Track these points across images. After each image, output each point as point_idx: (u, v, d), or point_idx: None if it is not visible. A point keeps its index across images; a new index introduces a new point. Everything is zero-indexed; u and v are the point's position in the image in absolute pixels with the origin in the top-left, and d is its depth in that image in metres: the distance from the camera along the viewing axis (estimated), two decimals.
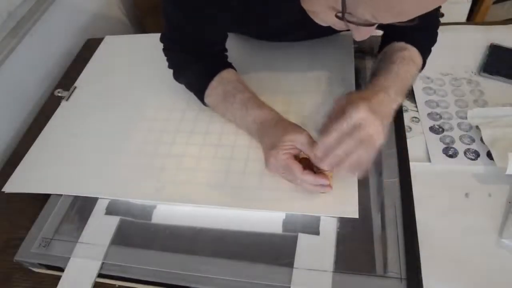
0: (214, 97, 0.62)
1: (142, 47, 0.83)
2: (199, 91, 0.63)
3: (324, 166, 0.47)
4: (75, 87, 0.78)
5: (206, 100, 0.63)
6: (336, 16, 0.40)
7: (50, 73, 0.92)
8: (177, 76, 0.66)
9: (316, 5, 0.42)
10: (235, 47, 0.75)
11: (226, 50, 0.66)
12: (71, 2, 1.02)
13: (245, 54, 0.75)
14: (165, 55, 0.66)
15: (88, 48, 0.92)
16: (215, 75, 0.61)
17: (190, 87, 0.66)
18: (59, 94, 0.77)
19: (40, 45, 0.90)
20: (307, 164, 0.49)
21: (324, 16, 0.43)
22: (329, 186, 0.49)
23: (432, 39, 0.62)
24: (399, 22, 0.37)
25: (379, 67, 0.57)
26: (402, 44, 0.58)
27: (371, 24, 0.39)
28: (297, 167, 0.48)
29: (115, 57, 0.84)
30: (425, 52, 0.59)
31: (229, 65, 0.64)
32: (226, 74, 0.62)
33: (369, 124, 0.44)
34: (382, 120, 0.45)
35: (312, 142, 0.49)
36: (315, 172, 0.49)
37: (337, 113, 0.47)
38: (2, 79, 0.80)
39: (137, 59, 0.81)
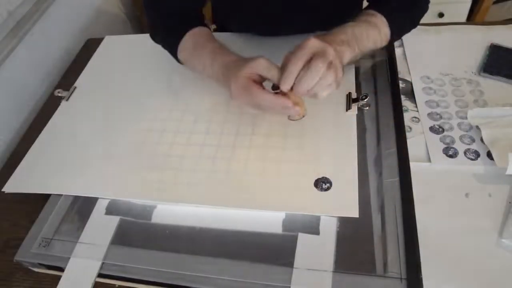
0: (186, 51, 0.63)
1: (142, 47, 0.83)
2: (173, 47, 0.64)
3: (285, 86, 0.48)
4: (75, 87, 0.78)
5: (179, 55, 0.64)
6: None
7: (50, 73, 0.92)
8: (154, 36, 0.68)
9: None
10: (230, 45, 0.75)
11: (202, 14, 0.68)
12: (71, 2, 1.02)
13: (240, 52, 0.74)
14: (146, 14, 0.68)
15: (88, 48, 0.91)
16: (188, 31, 0.62)
17: (165, 43, 0.67)
18: (59, 94, 0.77)
19: (40, 45, 0.90)
20: None
21: None
22: (293, 104, 0.49)
23: (409, 19, 0.63)
24: None
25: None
26: (371, 11, 0.59)
27: None
28: (256, 87, 0.49)
29: (115, 57, 0.84)
30: (396, 24, 0.60)
31: (204, 25, 0.65)
32: (198, 29, 0.63)
33: (326, 50, 0.47)
34: (334, 47, 0.48)
35: (272, 65, 0.50)
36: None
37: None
38: (2, 79, 0.80)
39: (137, 59, 0.81)
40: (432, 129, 0.62)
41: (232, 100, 0.53)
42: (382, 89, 0.66)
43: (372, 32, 0.57)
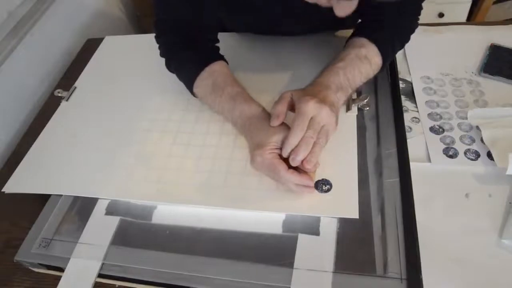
0: (203, 88, 0.62)
1: (142, 47, 0.83)
2: (189, 80, 0.63)
3: (285, 155, 0.49)
4: (75, 87, 0.78)
5: (195, 90, 0.63)
6: None
7: (50, 73, 0.92)
8: (168, 65, 0.66)
9: None
10: (230, 45, 0.76)
11: (218, 41, 0.67)
12: (71, 2, 1.02)
13: (240, 52, 0.75)
14: (157, 42, 0.66)
15: (88, 48, 0.91)
16: (206, 66, 0.61)
17: (180, 76, 0.66)
18: (59, 94, 0.77)
19: (40, 45, 0.90)
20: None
21: None
22: (313, 187, 0.50)
23: (399, 42, 0.63)
24: None
25: (330, 63, 0.59)
26: (362, 41, 0.59)
27: None
28: (282, 166, 0.49)
29: (115, 57, 0.84)
30: (387, 52, 0.60)
31: (221, 58, 0.64)
32: (216, 66, 0.62)
33: (321, 113, 0.50)
34: (330, 108, 0.51)
35: None
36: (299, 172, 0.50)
37: (285, 106, 0.53)
38: (2, 79, 0.80)
39: (137, 59, 0.81)
40: (432, 129, 0.62)
41: (252, 167, 0.53)
42: (382, 89, 0.66)
43: (363, 67, 0.58)
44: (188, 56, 0.63)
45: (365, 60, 0.58)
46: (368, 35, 0.60)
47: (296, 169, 0.50)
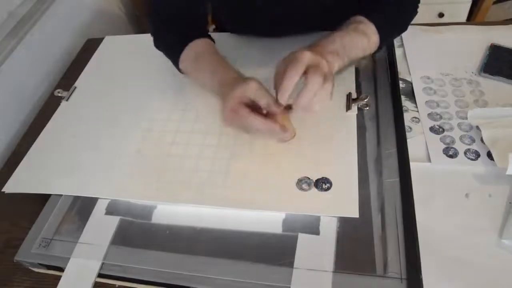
0: (187, 62, 0.63)
1: (142, 47, 0.83)
2: (175, 56, 0.64)
3: (282, 101, 0.49)
4: (75, 87, 0.78)
5: (180, 65, 0.64)
6: None
7: (50, 73, 0.92)
8: (157, 43, 0.68)
9: None
10: (229, 46, 0.76)
11: (207, 22, 0.68)
12: (71, 2, 1.02)
13: (240, 53, 0.75)
14: (148, 21, 0.67)
15: (88, 48, 0.91)
16: (191, 41, 0.62)
17: (167, 52, 0.67)
18: (59, 94, 0.77)
19: (40, 45, 0.90)
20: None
21: None
22: (290, 131, 0.51)
23: (398, 25, 0.63)
24: None
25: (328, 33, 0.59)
26: (361, 18, 0.59)
27: None
28: (245, 111, 0.49)
29: (115, 57, 0.84)
30: (385, 32, 0.60)
31: (207, 36, 0.65)
32: (201, 42, 0.63)
33: (321, 62, 0.49)
34: (326, 58, 0.50)
35: (261, 89, 0.50)
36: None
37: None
38: (2, 79, 0.80)
39: (137, 59, 0.81)
40: (432, 129, 0.62)
41: (222, 123, 0.53)
42: (382, 89, 0.66)
43: (361, 40, 0.58)
44: (174, 34, 0.64)
45: (362, 34, 0.58)
46: (367, 14, 0.59)
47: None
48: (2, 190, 0.61)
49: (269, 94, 0.51)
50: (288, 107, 0.51)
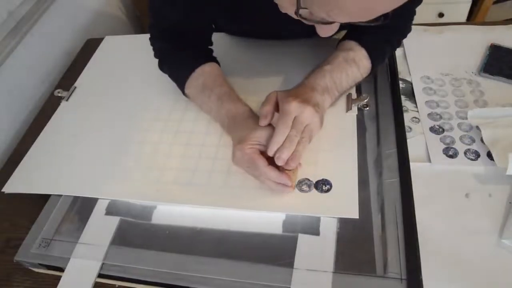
0: (193, 88, 0.63)
1: (142, 47, 0.82)
2: (180, 81, 0.64)
3: (271, 153, 0.50)
4: (75, 87, 0.78)
5: (186, 91, 0.64)
6: (295, 13, 0.40)
7: (50, 73, 0.92)
8: (161, 66, 0.67)
9: (280, 0, 0.43)
10: (227, 47, 0.76)
11: (211, 43, 0.67)
12: (71, 2, 1.02)
13: (237, 54, 0.75)
14: (151, 44, 0.67)
15: (88, 48, 0.91)
16: (197, 67, 0.62)
17: (173, 77, 0.66)
18: (59, 94, 0.77)
19: (40, 45, 0.90)
20: (273, 163, 0.50)
21: (289, 11, 0.43)
22: (292, 186, 0.51)
23: (389, 45, 0.63)
24: (357, 22, 0.37)
25: (318, 65, 0.59)
26: (351, 44, 0.59)
27: (329, 22, 0.40)
28: (261, 161, 0.50)
29: (115, 57, 0.84)
30: (376, 55, 0.60)
31: (213, 59, 0.65)
32: (208, 67, 0.62)
33: (304, 112, 0.50)
34: (314, 108, 0.51)
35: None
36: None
37: (272, 106, 0.53)
38: (2, 79, 0.80)
39: (137, 59, 0.81)
40: (432, 129, 0.62)
41: (233, 162, 0.54)
42: (382, 89, 0.66)
43: (351, 71, 0.58)
44: (180, 58, 0.64)
45: (352, 63, 0.58)
46: (357, 38, 0.60)
47: (277, 168, 0.51)
48: (2, 190, 0.61)
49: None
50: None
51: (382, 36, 0.60)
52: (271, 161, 0.50)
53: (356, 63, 0.58)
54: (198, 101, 0.64)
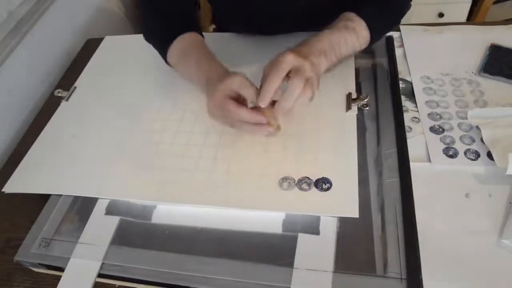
0: (174, 56, 0.64)
1: (142, 47, 0.82)
2: (162, 49, 0.65)
3: (262, 103, 0.49)
4: (75, 87, 0.78)
5: (168, 59, 0.65)
6: None
7: (50, 73, 0.92)
8: (146, 35, 0.68)
9: None
10: (228, 45, 0.76)
11: (196, 11, 0.68)
12: (71, 2, 1.02)
13: (238, 52, 0.75)
14: (140, 13, 0.69)
15: (88, 48, 0.91)
16: (179, 35, 0.62)
17: (155, 45, 0.67)
18: (59, 94, 0.77)
19: (40, 45, 0.90)
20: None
21: None
22: (271, 124, 0.50)
23: (389, 19, 0.63)
24: None
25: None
26: (351, 15, 0.59)
27: None
28: (231, 103, 0.50)
29: (115, 57, 0.84)
30: (375, 28, 0.60)
31: (196, 29, 0.65)
32: (188, 35, 0.63)
33: (304, 65, 0.49)
34: (311, 60, 0.50)
35: (247, 83, 0.51)
36: None
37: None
38: (2, 79, 0.80)
39: (137, 59, 0.81)
40: (432, 129, 0.62)
41: (209, 118, 0.54)
42: (382, 89, 0.66)
43: (349, 38, 0.58)
44: (162, 26, 0.65)
45: (352, 32, 0.58)
46: (357, 10, 0.60)
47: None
48: (2, 190, 0.61)
49: (254, 87, 0.52)
50: (273, 102, 0.52)
51: (382, 10, 0.61)
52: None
53: (356, 32, 0.58)
54: (180, 68, 0.65)
